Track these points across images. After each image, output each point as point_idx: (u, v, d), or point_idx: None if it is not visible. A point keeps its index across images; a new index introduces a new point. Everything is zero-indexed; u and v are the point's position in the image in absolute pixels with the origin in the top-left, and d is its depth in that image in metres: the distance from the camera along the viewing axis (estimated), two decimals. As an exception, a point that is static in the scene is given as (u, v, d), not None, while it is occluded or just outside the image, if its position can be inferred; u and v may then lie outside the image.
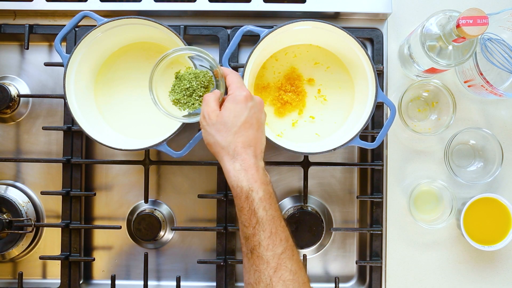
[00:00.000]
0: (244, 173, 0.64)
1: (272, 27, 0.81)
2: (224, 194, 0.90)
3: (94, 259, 0.93)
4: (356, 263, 0.93)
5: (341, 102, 0.89)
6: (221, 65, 0.80)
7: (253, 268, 0.61)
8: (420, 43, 0.78)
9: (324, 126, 0.88)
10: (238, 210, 0.64)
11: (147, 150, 0.91)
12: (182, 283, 0.91)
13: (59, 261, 0.92)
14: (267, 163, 0.92)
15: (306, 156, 0.91)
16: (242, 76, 0.79)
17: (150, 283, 0.92)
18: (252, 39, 0.82)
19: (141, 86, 0.88)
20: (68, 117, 0.92)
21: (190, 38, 0.93)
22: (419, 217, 0.90)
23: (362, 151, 0.95)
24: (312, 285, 0.92)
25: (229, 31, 0.92)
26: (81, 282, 0.94)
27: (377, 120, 0.91)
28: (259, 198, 0.62)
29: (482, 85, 0.83)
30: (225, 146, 0.66)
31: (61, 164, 0.92)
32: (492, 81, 0.81)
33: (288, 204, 0.94)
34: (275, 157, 0.94)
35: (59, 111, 0.94)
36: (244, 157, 0.65)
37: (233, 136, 0.66)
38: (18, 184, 0.95)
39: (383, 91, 0.87)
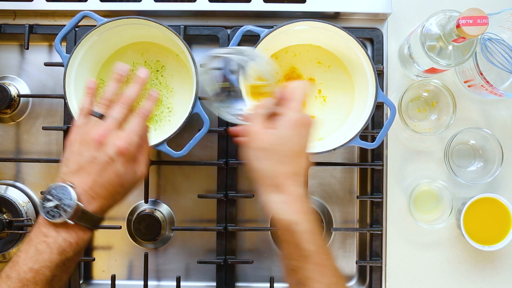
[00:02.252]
0: (288, 205, 0.59)
1: (272, 27, 0.81)
2: (224, 194, 0.90)
3: (94, 259, 0.93)
4: (356, 263, 0.93)
5: (341, 102, 0.89)
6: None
7: None
8: (420, 43, 0.78)
9: (324, 126, 0.88)
10: (282, 242, 0.61)
11: (147, 150, 0.91)
12: (182, 283, 0.91)
13: (59, 261, 0.92)
14: (267, 163, 0.92)
15: (306, 156, 0.91)
16: (242, 76, 0.79)
17: (150, 283, 0.92)
18: (252, 39, 0.82)
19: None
20: (68, 117, 0.92)
21: (190, 38, 0.93)
22: (419, 217, 0.90)
23: (362, 151, 0.95)
24: (312, 285, 0.93)
25: (229, 31, 0.92)
26: (81, 282, 0.94)
27: (377, 120, 0.91)
28: (304, 230, 0.58)
29: (482, 85, 0.83)
30: (270, 176, 0.60)
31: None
32: (492, 81, 0.81)
33: (288, 204, 0.94)
34: (275, 157, 0.94)
35: (59, 111, 0.94)
36: (290, 189, 0.60)
37: (281, 166, 0.60)
38: (18, 184, 0.95)
39: (383, 91, 0.87)
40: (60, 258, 0.58)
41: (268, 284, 0.91)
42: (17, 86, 0.95)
